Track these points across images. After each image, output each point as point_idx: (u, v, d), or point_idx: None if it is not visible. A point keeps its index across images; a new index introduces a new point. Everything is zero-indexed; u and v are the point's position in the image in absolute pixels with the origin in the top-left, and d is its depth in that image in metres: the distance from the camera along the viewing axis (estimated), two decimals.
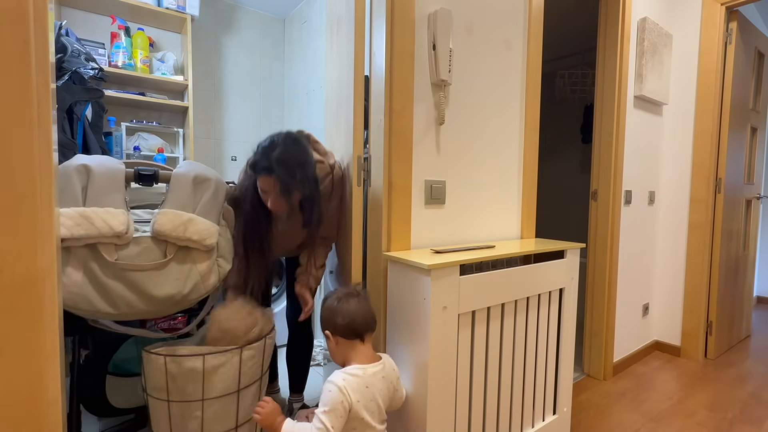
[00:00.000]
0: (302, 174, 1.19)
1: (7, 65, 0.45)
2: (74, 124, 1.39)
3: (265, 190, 1.22)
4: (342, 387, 0.96)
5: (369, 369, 1.02)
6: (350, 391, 0.96)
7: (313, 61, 2.65)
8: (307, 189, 1.22)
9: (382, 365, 1.05)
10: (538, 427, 1.40)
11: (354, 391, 0.97)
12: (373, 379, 1.01)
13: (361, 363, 1.03)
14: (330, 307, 1.09)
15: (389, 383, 1.06)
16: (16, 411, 0.47)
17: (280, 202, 1.20)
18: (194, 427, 1.04)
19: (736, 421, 1.72)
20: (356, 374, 1.00)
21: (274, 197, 1.20)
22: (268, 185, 1.20)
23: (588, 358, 2.16)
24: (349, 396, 0.95)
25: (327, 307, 1.10)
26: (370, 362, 1.04)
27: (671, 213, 2.44)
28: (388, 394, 1.05)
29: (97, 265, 0.96)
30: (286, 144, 1.20)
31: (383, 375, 1.04)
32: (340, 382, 0.97)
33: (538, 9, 1.59)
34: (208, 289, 1.12)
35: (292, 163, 1.18)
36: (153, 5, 2.32)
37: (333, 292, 1.13)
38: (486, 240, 1.52)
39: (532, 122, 1.62)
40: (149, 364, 1.02)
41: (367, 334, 1.07)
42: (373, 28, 1.25)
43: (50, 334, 0.50)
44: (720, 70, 2.27)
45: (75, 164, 0.97)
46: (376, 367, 1.04)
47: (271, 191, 1.20)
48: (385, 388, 1.04)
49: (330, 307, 1.09)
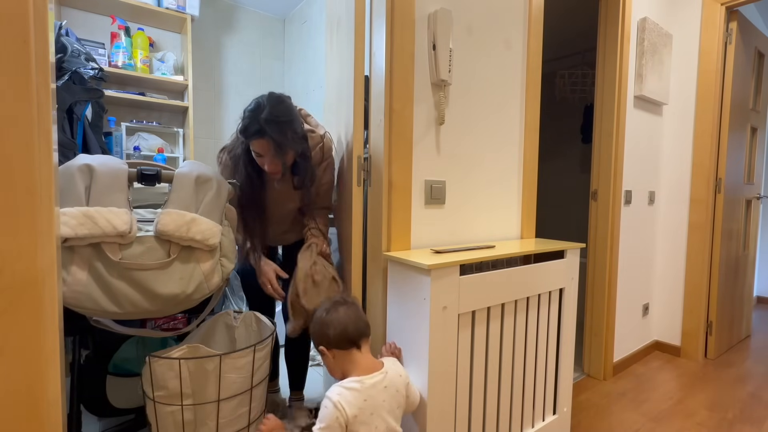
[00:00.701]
0: (292, 131, 1.22)
1: (7, 65, 0.45)
2: (74, 124, 1.39)
3: (261, 153, 1.25)
4: (336, 402, 0.92)
5: (367, 380, 0.97)
6: (346, 406, 0.92)
7: (313, 61, 2.65)
8: (299, 146, 1.26)
9: (383, 374, 1.00)
10: (538, 427, 1.40)
11: (350, 405, 0.93)
12: (372, 390, 0.96)
13: (360, 374, 0.98)
14: (319, 320, 1.05)
15: (395, 391, 1.00)
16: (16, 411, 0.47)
17: (275, 162, 1.23)
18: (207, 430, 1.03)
19: (736, 421, 1.72)
20: (353, 387, 0.95)
21: (270, 159, 1.23)
22: (262, 148, 1.22)
23: (588, 358, 2.16)
24: (344, 411, 0.91)
25: (316, 321, 1.06)
26: (370, 372, 1.00)
27: (671, 213, 2.44)
28: (395, 402, 1.00)
29: (101, 265, 0.96)
30: (272, 104, 1.22)
31: (385, 384, 0.99)
32: (335, 397, 0.93)
33: (538, 9, 1.59)
34: (212, 289, 1.12)
35: (282, 122, 1.20)
36: (153, 5, 2.32)
37: (319, 307, 1.10)
38: (486, 240, 1.52)
39: (532, 122, 1.62)
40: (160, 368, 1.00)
41: (362, 341, 1.03)
42: (373, 28, 1.25)
43: (50, 334, 0.50)
44: (720, 70, 2.27)
45: (78, 164, 0.97)
46: (376, 377, 0.99)
47: (266, 153, 1.23)
48: (390, 397, 0.99)
49: (319, 321, 1.05)
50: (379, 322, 1.26)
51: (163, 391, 1.01)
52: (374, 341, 1.28)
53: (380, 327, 1.26)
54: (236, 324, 1.34)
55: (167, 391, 1.01)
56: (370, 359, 1.04)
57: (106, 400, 1.31)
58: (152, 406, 1.03)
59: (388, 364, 1.04)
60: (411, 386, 1.07)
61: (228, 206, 1.20)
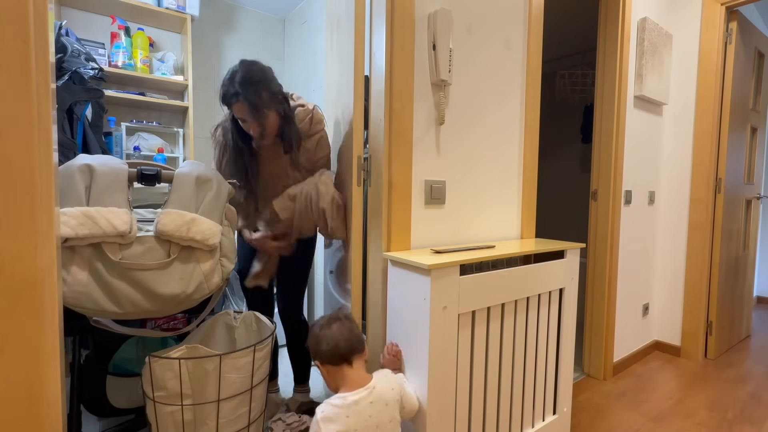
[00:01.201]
0: (268, 91, 1.27)
1: (7, 65, 0.45)
2: (74, 124, 1.39)
3: (243, 118, 1.29)
4: (318, 420, 0.95)
5: (350, 397, 0.98)
6: (326, 424, 0.95)
7: (313, 61, 2.65)
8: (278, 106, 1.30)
9: (368, 390, 1.00)
10: (538, 427, 1.40)
11: (332, 422, 0.95)
12: (355, 407, 0.97)
13: (348, 389, 1.01)
14: (314, 335, 1.08)
15: (383, 405, 1.00)
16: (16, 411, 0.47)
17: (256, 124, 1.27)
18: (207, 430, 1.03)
19: (736, 421, 1.72)
20: (336, 404, 0.98)
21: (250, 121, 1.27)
22: (241, 111, 1.26)
23: (588, 358, 2.16)
24: (325, 429, 0.94)
25: (311, 336, 1.09)
26: (358, 387, 1.01)
27: (671, 213, 2.44)
28: (385, 416, 1.00)
29: (101, 265, 0.96)
30: (244, 67, 1.27)
31: (371, 400, 0.99)
32: (319, 414, 0.97)
33: (538, 9, 1.59)
34: (212, 289, 1.12)
35: (256, 82, 1.25)
36: (153, 5, 2.32)
37: (317, 321, 1.13)
38: (486, 240, 1.52)
39: (532, 122, 1.62)
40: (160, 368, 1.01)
41: (354, 357, 1.05)
42: (373, 28, 1.25)
43: (50, 334, 0.50)
44: (720, 70, 2.27)
45: (78, 164, 0.97)
46: (360, 393, 0.99)
47: (246, 116, 1.27)
48: (378, 412, 0.99)
49: (314, 336, 1.08)
50: (379, 322, 1.26)
51: (163, 391, 1.01)
52: (374, 341, 1.28)
53: (380, 327, 1.26)
54: (236, 324, 1.34)
55: (167, 391, 1.01)
56: (361, 375, 1.04)
57: (106, 400, 1.31)
58: (152, 406, 1.03)
59: (376, 379, 1.04)
60: (407, 394, 1.07)
61: (228, 206, 1.20)
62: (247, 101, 1.23)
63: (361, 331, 1.11)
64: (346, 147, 1.37)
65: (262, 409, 1.19)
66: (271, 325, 1.25)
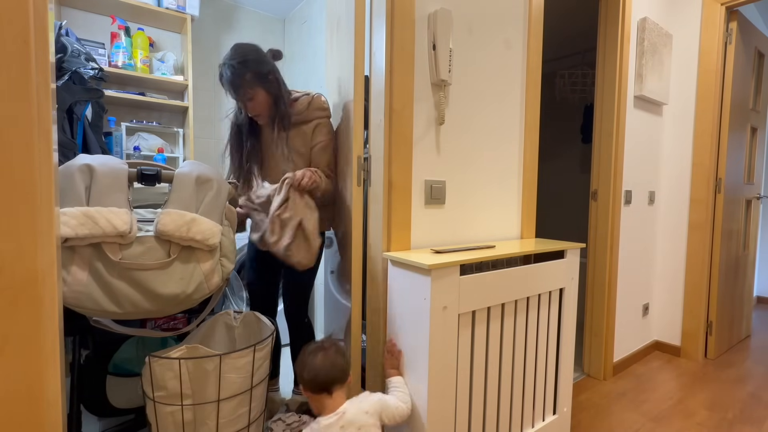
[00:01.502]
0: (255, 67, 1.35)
1: (7, 65, 0.45)
2: (74, 124, 1.39)
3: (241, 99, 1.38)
4: None
5: (323, 421, 1.02)
6: None
7: (313, 61, 2.65)
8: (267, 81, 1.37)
9: (338, 415, 1.03)
10: (538, 427, 1.40)
11: None
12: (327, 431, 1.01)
13: (327, 414, 1.04)
14: (300, 361, 1.10)
15: (356, 430, 1.02)
16: (16, 411, 0.47)
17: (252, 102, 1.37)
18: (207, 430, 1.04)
19: (736, 421, 1.72)
20: (312, 428, 1.03)
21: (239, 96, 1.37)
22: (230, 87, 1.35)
23: (588, 358, 2.16)
24: None
25: (298, 361, 1.11)
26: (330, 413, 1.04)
27: (671, 213, 2.44)
28: None
29: (102, 265, 0.96)
30: (234, 48, 1.37)
31: (342, 425, 1.01)
32: None
33: (538, 9, 1.59)
34: (212, 289, 1.12)
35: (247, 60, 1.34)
36: (153, 5, 2.32)
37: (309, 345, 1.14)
38: (486, 240, 1.52)
39: (532, 122, 1.62)
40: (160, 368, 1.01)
41: (334, 388, 1.06)
42: (373, 28, 1.25)
43: (50, 334, 0.50)
44: (720, 70, 2.27)
45: (78, 164, 0.97)
46: (331, 419, 1.02)
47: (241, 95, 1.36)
48: None
49: (300, 362, 1.10)
50: (379, 323, 1.26)
51: (163, 391, 1.01)
52: (374, 342, 1.28)
53: (380, 327, 1.26)
54: (236, 324, 1.34)
55: (167, 391, 1.01)
56: (338, 402, 1.06)
57: (106, 400, 1.31)
58: (152, 406, 1.03)
59: (348, 405, 1.06)
60: (390, 409, 1.08)
61: (228, 206, 1.20)
62: (239, 78, 1.33)
63: (347, 359, 1.12)
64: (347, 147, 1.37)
65: (262, 409, 1.19)
66: (271, 325, 1.25)
